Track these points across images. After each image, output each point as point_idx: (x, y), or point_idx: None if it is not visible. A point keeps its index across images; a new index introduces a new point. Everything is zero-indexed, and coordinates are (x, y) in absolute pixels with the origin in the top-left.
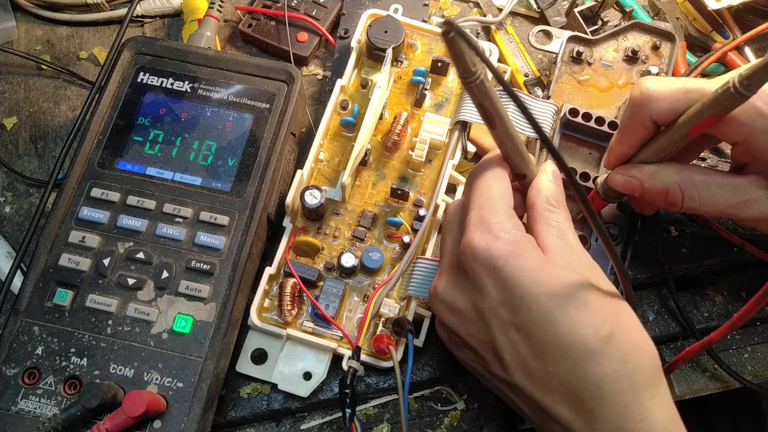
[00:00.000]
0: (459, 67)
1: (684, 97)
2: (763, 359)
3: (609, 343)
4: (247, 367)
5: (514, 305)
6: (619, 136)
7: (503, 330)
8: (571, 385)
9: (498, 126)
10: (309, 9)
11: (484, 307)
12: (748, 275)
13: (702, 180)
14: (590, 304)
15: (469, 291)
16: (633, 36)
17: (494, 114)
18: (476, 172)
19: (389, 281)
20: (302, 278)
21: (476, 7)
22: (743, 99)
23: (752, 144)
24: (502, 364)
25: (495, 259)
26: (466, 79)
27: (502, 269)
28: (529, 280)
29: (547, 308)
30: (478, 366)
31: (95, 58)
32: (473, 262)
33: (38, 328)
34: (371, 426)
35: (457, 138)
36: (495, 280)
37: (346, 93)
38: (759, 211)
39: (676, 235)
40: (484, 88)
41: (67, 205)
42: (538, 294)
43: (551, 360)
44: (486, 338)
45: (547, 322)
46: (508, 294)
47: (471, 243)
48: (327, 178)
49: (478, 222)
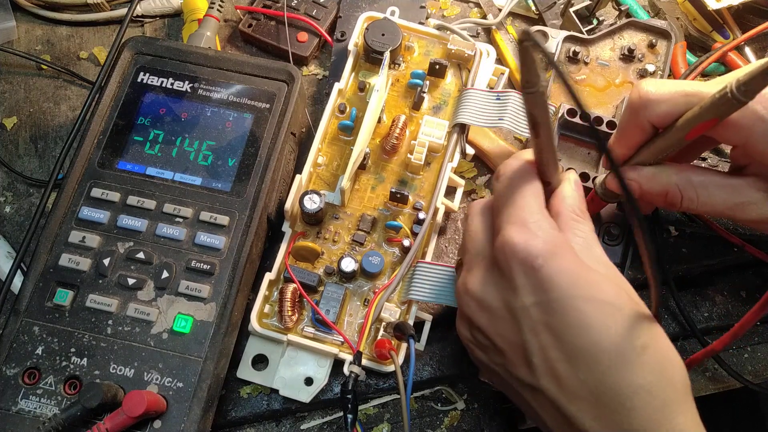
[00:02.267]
0: (526, 76)
1: (682, 100)
2: (763, 359)
3: (644, 354)
4: (248, 373)
5: (549, 307)
6: (617, 138)
7: (535, 331)
8: (602, 395)
9: (542, 135)
10: (309, 9)
11: (518, 306)
12: (748, 275)
13: (700, 181)
14: (626, 314)
15: (503, 289)
16: (629, 34)
17: (542, 124)
18: (508, 173)
19: (389, 285)
20: (302, 283)
21: (476, 7)
22: (740, 105)
23: (751, 147)
24: (530, 367)
25: (533, 258)
26: (529, 89)
27: (540, 269)
28: (566, 282)
29: (582, 312)
30: (500, 368)
31: (95, 58)
32: (511, 259)
33: (38, 328)
34: (371, 426)
35: (456, 140)
36: (531, 279)
37: (343, 96)
38: (757, 213)
39: (676, 235)
40: (543, 99)
41: (67, 205)
42: (574, 297)
43: (583, 366)
44: (515, 339)
45: (582, 327)
46: (543, 295)
47: (509, 240)
48: (326, 182)
49: (516, 220)
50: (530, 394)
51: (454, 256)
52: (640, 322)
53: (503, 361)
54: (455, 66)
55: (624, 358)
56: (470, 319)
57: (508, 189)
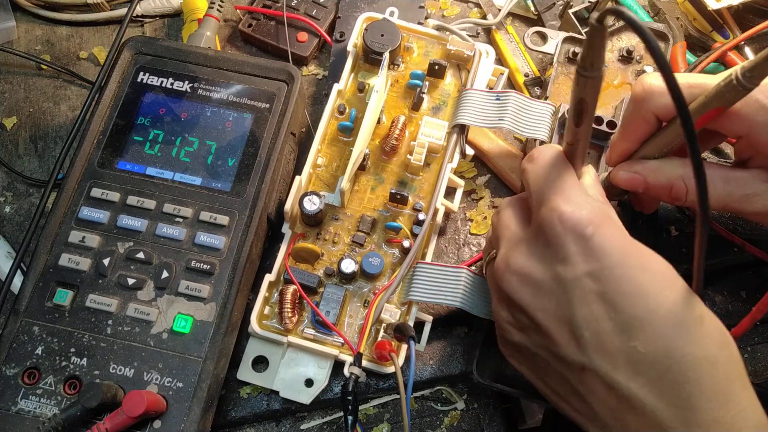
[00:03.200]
0: (590, 58)
1: (686, 91)
2: (763, 359)
3: (702, 324)
4: (248, 374)
5: (603, 275)
6: (621, 132)
7: (586, 302)
8: (665, 368)
9: (585, 124)
10: (309, 9)
11: (568, 277)
12: (748, 275)
13: (705, 173)
14: (680, 285)
15: (550, 260)
16: (627, 36)
17: (588, 112)
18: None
19: (390, 286)
20: (302, 285)
21: (476, 7)
22: (746, 91)
23: (754, 138)
24: (579, 343)
25: (584, 227)
26: (586, 72)
27: (591, 237)
28: (618, 250)
29: (637, 281)
30: (542, 350)
31: (95, 58)
32: (559, 228)
33: (38, 328)
34: (371, 426)
35: (456, 141)
36: (582, 247)
37: (343, 97)
38: (762, 205)
39: (676, 235)
40: (598, 85)
41: (67, 205)
42: (629, 265)
43: (641, 337)
44: (563, 313)
45: (639, 295)
46: (596, 263)
47: (557, 208)
48: (325, 183)
49: (560, 192)
50: (577, 377)
51: (454, 257)
52: (693, 295)
53: (547, 341)
54: (455, 66)
55: (685, 328)
56: (510, 297)
57: (544, 168)
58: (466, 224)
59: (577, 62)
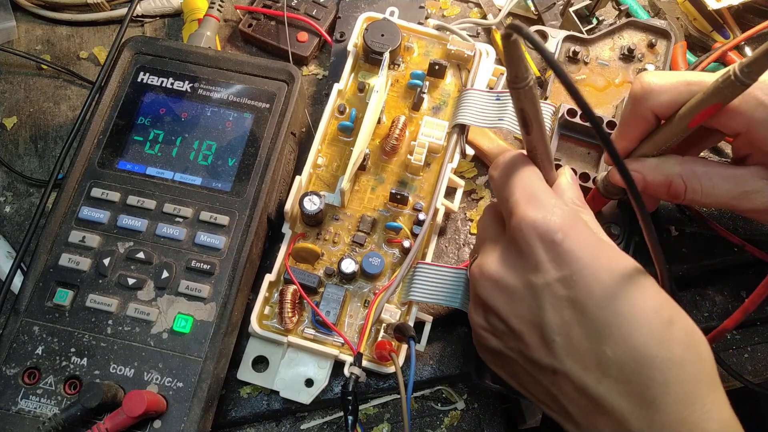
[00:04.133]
0: (514, 71)
1: (685, 89)
2: (763, 359)
3: (671, 327)
4: (248, 374)
5: (572, 281)
6: (620, 131)
7: (557, 308)
8: (632, 371)
9: (534, 132)
10: (309, 9)
11: (539, 283)
12: (748, 275)
13: (704, 171)
14: (648, 287)
15: (522, 267)
16: (629, 34)
17: (533, 120)
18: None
19: (390, 287)
20: (302, 285)
21: (476, 7)
22: (744, 87)
23: (753, 135)
24: (550, 348)
25: (553, 233)
26: (516, 85)
27: (561, 243)
28: (588, 254)
29: (607, 285)
30: (516, 354)
31: (95, 57)
32: (529, 235)
33: (38, 328)
34: (371, 426)
35: (456, 141)
36: (552, 254)
37: (343, 97)
38: (761, 202)
39: (676, 235)
40: (532, 94)
41: (67, 205)
42: (598, 270)
43: (610, 341)
44: (534, 318)
45: (607, 299)
46: (566, 268)
47: (526, 216)
48: (325, 183)
49: (527, 198)
50: (550, 379)
51: (454, 257)
52: (663, 296)
53: (520, 345)
54: (455, 66)
55: (652, 331)
56: (485, 302)
57: (508, 175)
58: (466, 224)
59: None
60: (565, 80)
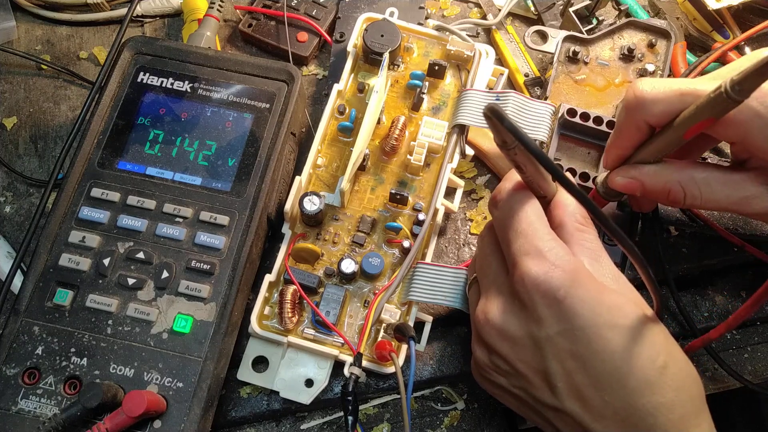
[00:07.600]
0: (499, 139)
1: (678, 99)
2: (763, 359)
3: (664, 373)
4: (248, 374)
5: (574, 336)
6: (615, 138)
7: (560, 359)
8: (627, 414)
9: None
10: (309, 9)
11: (542, 336)
12: (748, 275)
13: (703, 177)
14: (645, 336)
15: (526, 320)
16: (629, 34)
17: (526, 166)
18: (504, 197)
19: (390, 287)
20: (302, 285)
21: (476, 7)
22: (735, 104)
23: (750, 143)
24: (553, 391)
25: (556, 290)
26: (507, 148)
27: (563, 301)
28: (590, 310)
29: (607, 340)
30: (520, 391)
31: (95, 58)
32: (533, 292)
33: (38, 328)
34: (371, 426)
35: (455, 141)
36: (555, 311)
37: (343, 98)
38: (761, 207)
39: (676, 235)
40: (521, 150)
41: (67, 205)
42: (599, 326)
43: (608, 390)
44: (539, 366)
45: (606, 353)
46: (567, 324)
47: (529, 273)
48: (325, 183)
49: (529, 249)
50: (552, 414)
51: (454, 257)
52: (658, 342)
53: (524, 384)
54: (454, 67)
55: (647, 380)
56: (491, 346)
57: (510, 216)
58: (466, 224)
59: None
60: (531, 148)
